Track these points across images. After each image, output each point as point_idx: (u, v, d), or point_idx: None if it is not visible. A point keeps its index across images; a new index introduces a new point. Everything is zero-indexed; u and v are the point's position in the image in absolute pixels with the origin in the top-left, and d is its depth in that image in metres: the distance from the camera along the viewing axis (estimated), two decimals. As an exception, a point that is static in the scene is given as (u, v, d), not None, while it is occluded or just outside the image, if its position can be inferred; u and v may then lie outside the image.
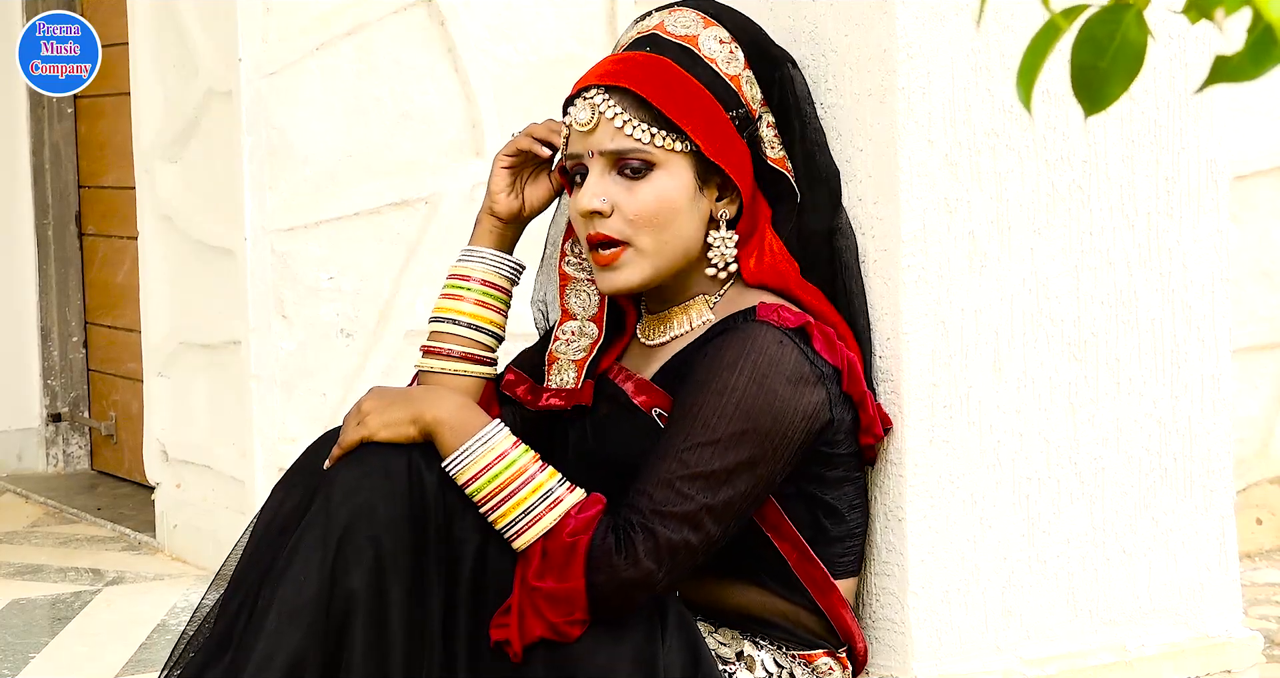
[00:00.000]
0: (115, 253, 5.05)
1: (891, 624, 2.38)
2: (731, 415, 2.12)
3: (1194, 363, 2.57)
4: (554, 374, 2.34)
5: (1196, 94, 2.48)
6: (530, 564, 2.09)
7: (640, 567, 2.08)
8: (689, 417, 2.14)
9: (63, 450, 5.30)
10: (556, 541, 2.08)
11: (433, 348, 2.33)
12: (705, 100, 2.20)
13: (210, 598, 2.23)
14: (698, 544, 2.12)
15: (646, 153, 2.19)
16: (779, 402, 2.14)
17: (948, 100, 2.35)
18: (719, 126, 2.21)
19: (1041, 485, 2.45)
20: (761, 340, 2.15)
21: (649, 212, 2.19)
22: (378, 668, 2.06)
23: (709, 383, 2.14)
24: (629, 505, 2.11)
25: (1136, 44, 1.12)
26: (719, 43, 2.24)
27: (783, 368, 2.15)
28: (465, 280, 2.33)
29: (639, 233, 2.20)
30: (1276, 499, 4.60)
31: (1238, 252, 4.32)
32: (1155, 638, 2.55)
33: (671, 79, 2.19)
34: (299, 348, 3.96)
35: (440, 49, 4.07)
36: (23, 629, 3.63)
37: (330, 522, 2.08)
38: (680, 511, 2.10)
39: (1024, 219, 2.42)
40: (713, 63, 2.23)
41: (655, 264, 2.22)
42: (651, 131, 2.18)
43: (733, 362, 2.14)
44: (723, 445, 2.12)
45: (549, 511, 2.10)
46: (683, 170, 2.20)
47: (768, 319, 2.18)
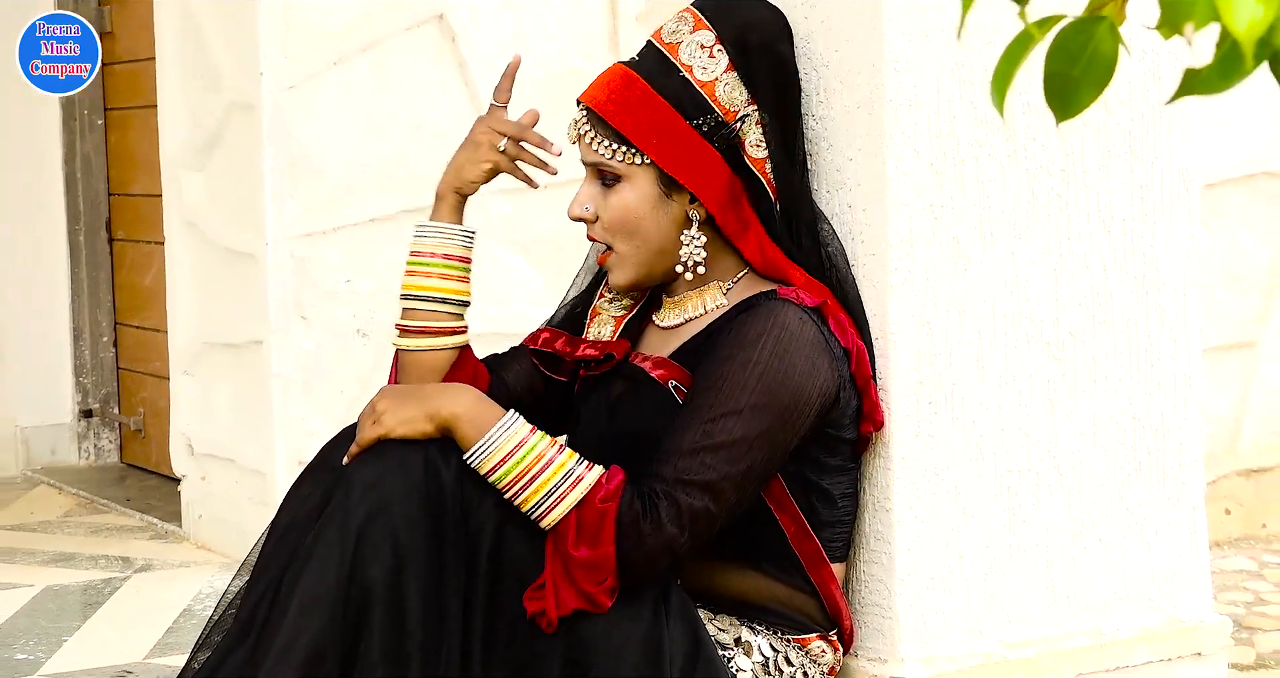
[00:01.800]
0: (143, 257, 5.05)
1: (880, 609, 2.38)
2: (754, 388, 2.13)
3: (1166, 362, 2.57)
4: (594, 327, 2.39)
5: (1168, 106, 2.49)
6: (566, 536, 2.09)
7: (664, 532, 2.10)
8: (713, 388, 2.15)
9: (94, 445, 5.30)
10: (589, 509, 2.09)
11: (407, 327, 2.35)
12: (665, 116, 2.23)
13: (235, 586, 2.23)
14: (717, 511, 2.14)
15: (612, 167, 2.25)
16: (798, 376, 2.15)
17: (933, 112, 2.35)
18: (677, 137, 2.23)
19: (1022, 478, 2.46)
20: (783, 317, 2.17)
21: (616, 219, 2.26)
22: (395, 656, 2.06)
23: (733, 357, 2.15)
24: (654, 474, 2.12)
25: (1108, 54, 1.12)
26: (700, 48, 2.25)
27: (802, 344, 2.16)
28: (423, 256, 2.37)
29: (614, 238, 2.27)
30: (1244, 491, 4.60)
31: (1208, 256, 4.32)
32: (1130, 622, 2.55)
33: (635, 98, 2.24)
34: (317, 348, 3.96)
35: (451, 64, 4.07)
36: (56, 614, 3.63)
37: (349, 516, 2.08)
38: (702, 479, 2.12)
39: (1005, 225, 2.42)
40: (687, 71, 2.25)
41: (635, 265, 2.28)
42: (614, 148, 2.24)
43: (756, 337, 2.15)
44: (745, 416, 2.13)
45: (572, 489, 2.11)
46: (645, 182, 2.24)
47: (789, 298, 2.20)
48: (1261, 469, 4.61)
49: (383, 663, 2.05)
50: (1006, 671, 2.43)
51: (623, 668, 2.10)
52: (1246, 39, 0.92)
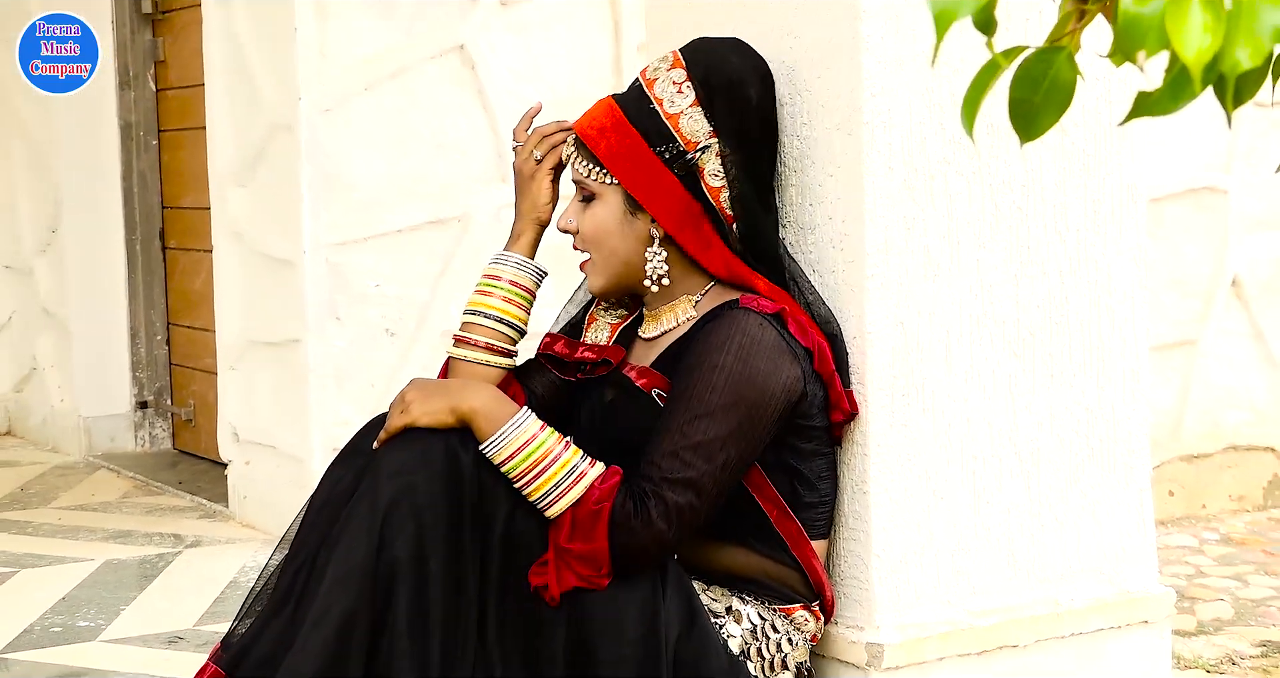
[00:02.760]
0: (193, 264, 5.05)
1: (857, 582, 2.38)
2: (722, 389, 2.13)
3: (1116, 359, 2.56)
4: (591, 332, 2.39)
5: (1120, 127, 2.48)
6: (561, 530, 2.09)
7: (654, 528, 2.09)
8: (686, 394, 2.15)
9: (149, 433, 5.30)
10: (584, 508, 2.09)
11: (463, 338, 2.34)
12: (631, 139, 2.24)
13: (275, 560, 2.22)
14: (701, 505, 2.13)
15: (588, 185, 2.28)
16: (761, 376, 2.15)
17: (906, 133, 2.35)
18: (640, 162, 2.24)
19: (986, 463, 2.45)
20: (745, 323, 2.17)
21: (589, 232, 2.28)
22: (419, 625, 2.05)
23: (701, 363, 2.15)
24: (641, 475, 2.12)
25: (1067, 82, 1.12)
26: (672, 84, 2.26)
27: (764, 347, 2.16)
28: (497, 280, 2.36)
29: (589, 248, 2.30)
30: (1186, 475, 4.60)
31: (1154, 263, 4.32)
32: (1083, 594, 2.55)
33: (611, 126, 2.26)
34: (350, 345, 3.96)
35: (471, 89, 4.07)
36: (115, 585, 3.63)
37: (378, 497, 2.08)
38: (684, 477, 2.11)
39: (971, 235, 2.42)
40: (658, 103, 2.26)
41: (605, 273, 2.30)
42: (590, 168, 2.27)
43: (720, 343, 2.15)
44: (716, 417, 2.13)
45: (575, 484, 2.11)
46: (614, 200, 2.26)
47: (749, 306, 2.20)
48: (1201, 455, 4.62)
49: (408, 631, 2.05)
50: (972, 637, 2.43)
51: (623, 637, 2.09)
52: (1195, 65, 0.92)
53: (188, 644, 3.19)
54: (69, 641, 3.22)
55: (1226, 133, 4.49)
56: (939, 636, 2.40)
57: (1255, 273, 4.67)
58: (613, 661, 2.09)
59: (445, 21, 4.03)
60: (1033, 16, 2.38)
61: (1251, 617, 3.61)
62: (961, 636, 2.42)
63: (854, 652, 2.36)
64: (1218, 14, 0.90)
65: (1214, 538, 4.34)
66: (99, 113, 5.17)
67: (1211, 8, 0.90)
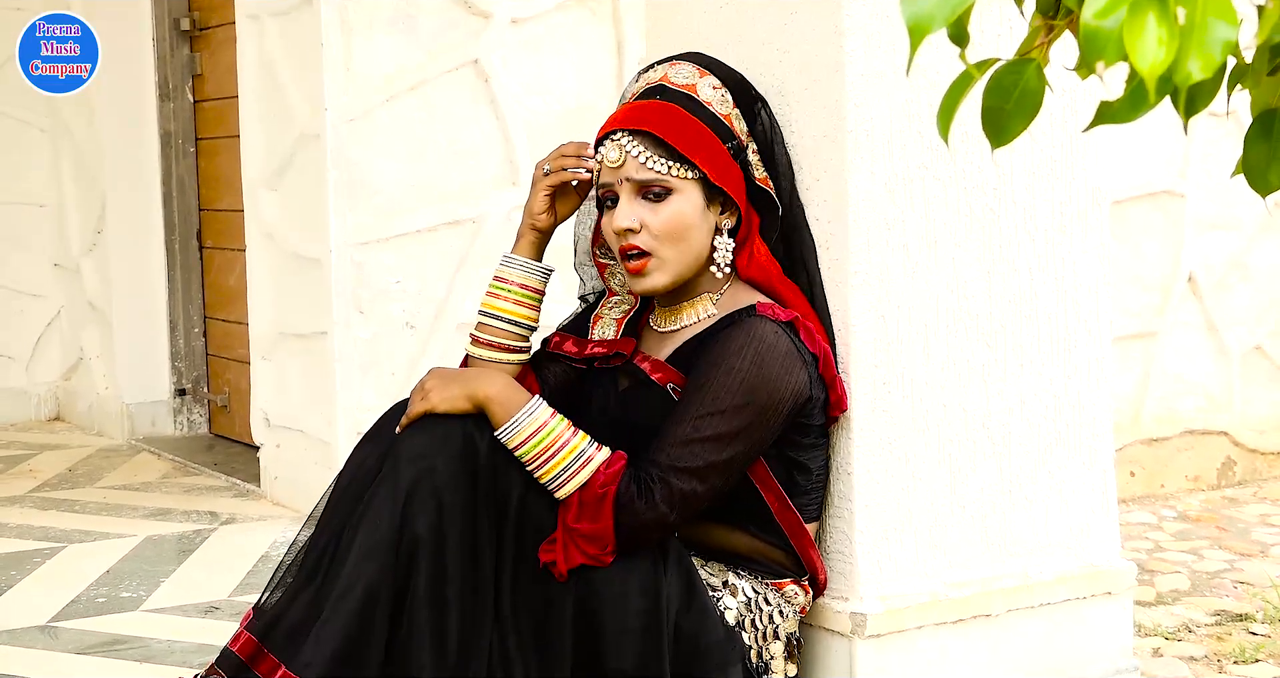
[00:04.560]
0: (228, 262, 5.05)
1: (842, 556, 2.37)
2: (735, 390, 2.12)
3: (1082, 349, 2.56)
4: (597, 329, 2.36)
5: (1084, 133, 2.48)
6: (569, 510, 2.09)
7: (657, 511, 2.09)
8: (701, 391, 2.13)
9: (187, 418, 5.30)
10: (590, 491, 2.08)
11: (479, 338, 2.32)
12: (707, 137, 2.20)
13: (303, 536, 2.22)
14: (703, 493, 2.13)
15: (665, 181, 2.19)
16: (773, 381, 2.14)
17: (886, 140, 2.34)
18: (719, 157, 2.21)
19: (961, 446, 2.45)
20: (761, 330, 2.15)
21: (670, 227, 2.19)
22: (438, 597, 2.05)
23: (718, 364, 2.14)
24: (649, 461, 2.11)
25: (1035, 91, 1.11)
26: (713, 89, 2.25)
27: (777, 353, 2.15)
28: (506, 283, 2.32)
29: (662, 245, 2.20)
30: (1146, 457, 4.60)
31: (1116, 261, 4.31)
32: (1051, 567, 2.55)
33: (681, 121, 2.19)
34: (373, 337, 3.95)
35: (484, 101, 4.07)
36: (155, 559, 3.63)
37: (400, 478, 2.07)
38: (691, 466, 2.10)
39: (947, 235, 2.42)
40: (709, 105, 2.23)
41: (676, 269, 2.22)
42: (668, 164, 2.18)
43: (738, 348, 2.14)
44: (728, 415, 2.12)
45: (582, 468, 2.10)
46: (694, 193, 2.20)
47: (765, 314, 2.18)
48: (1160, 439, 4.61)
49: (427, 602, 2.05)
50: (948, 607, 2.43)
51: (627, 609, 2.09)
52: (1150, 76, 0.91)
53: (223, 614, 3.19)
54: (113, 610, 3.21)
55: (1183, 140, 4.49)
56: (918, 606, 2.40)
57: (1209, 270, 4.67)
58: (618, 631, 2.08)
59: (461, 39, 4.02)
60: (1004, 32, 2.37)
61: (1206, 588, 3.61)
62: (939, 606, 2.42)
63: (839, 621, 2.36)
64: (1172, 28, 0.90)
65: (1171, 516, 4.34)
66: (141, 122, 5.17)
67: (1166, 22, 0.90)
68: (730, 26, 2.46)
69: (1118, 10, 0.90)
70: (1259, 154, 1.19)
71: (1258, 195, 1.21)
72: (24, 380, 5.60)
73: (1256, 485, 4.68)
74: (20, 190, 5.51)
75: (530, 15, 4.11)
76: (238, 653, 2.13)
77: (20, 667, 2.84)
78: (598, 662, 2.09)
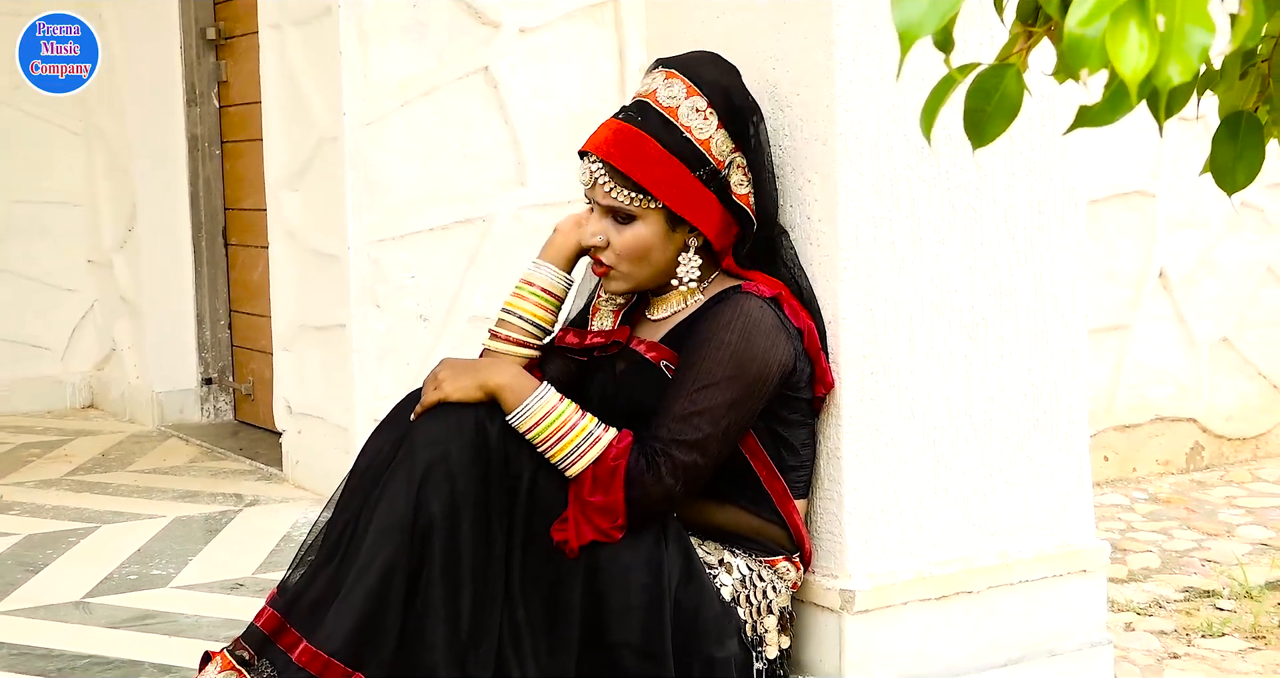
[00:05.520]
0: (252, 258, 5.04)
1: (832, 536, 2.37)
2: (726, 363, 2.13)
3: (1059, 340, 2.56)
4: (596, 321, 2.36)
5: (1064, 136, 2.47)
6: (584, 485, 2.09)
7: (664, 483, 2.09)
8: (695, 366, 2.14)
9: (213, 406, 5.29)
10: (603, 466, 2.09)
11: (498, 334, 2.32)
12: (674, 169, 2.19)
13: (323, 517, 2.22)
14: (704, 463, 2.13)
15: (629, 209, 2.20)
16: (761, 352, 2.14)
17: (874, 143, 2.34)
18: (685, 186, 2.19)
19: (944, 432, 2.44)
20: (747, 306, 2.16)
21: (629, 249, 2.22)
22: (451, 575, 2.05)
23: (709, 340, 2.15)
24: (652, 436, 2.12)
25: (1014, 95, 1.11)
26: (695, 112, 2.21)
27: (764, 327, 2.15)
28: (530, 285, 2.33)
29: (621, 262, 2.24)
30: (1119, 442, 4.60)
31: (1091, 258, 4.31)
32: (1029, 546, 2.54)
33: (649, 154, 2.18)
34: (388, 329, 3.95)
35: (494, 106, 4.06)
36: (183, 538, 3.63)
37: (415, 463, 2.07)
38: (691, 438, 2.11)
39: (931, 232, 2.41)
40: (688, 131, 2.20)
41: (632, 281, 2.26)
42: (631, 195, 2.20)
43: (726, 323, 2.15)
44: (721, 386, 2.12)
45: (591, 447, 2.11)
46: (656, 221, 2.21)
47: (751, 291, 2.19)
48: (1132, 425, 4.61)
49: (441, 580, 2.04)
50: (932, 584, 2.42)
51: (631, 585, 2.09)
52: (1132, 80, 0.91)
53: (247, 590, 3.18)
54: (143, 587, 3.21)
55: (1155, 143, 4.49)
56: (903, 583, 2.40)
57: (1179, 266, 4.67)
58: (622, 606, 2.09)
59: (471, 47, 4.02)
60: (985, 40, 2.37)
61: (1176, 566, 3.60)
62: (923, 583, 2.41)
63: (829, 597, 2.36)
64: (1152, 35, 0.89)
65: (1143, 498, 4.33)
66: (169, 126, 5.17)
67: (1147, 28, 0.89)
68: (727, 35, 2.46)
69: (1100, 18, 0.89)
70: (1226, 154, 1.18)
71: (1225, 193, 1.21)
72: (59, 370, 5.60)
73: (1223, 470, 4.68)
74: (55, 190, 5.50)
75: (537, 25, 4.10)
76: (261, 628, 2.13)
77: (56, 640, 2.84)
78: (603, 635, 2.09)
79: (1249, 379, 4.83)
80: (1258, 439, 4.85)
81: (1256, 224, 4.81)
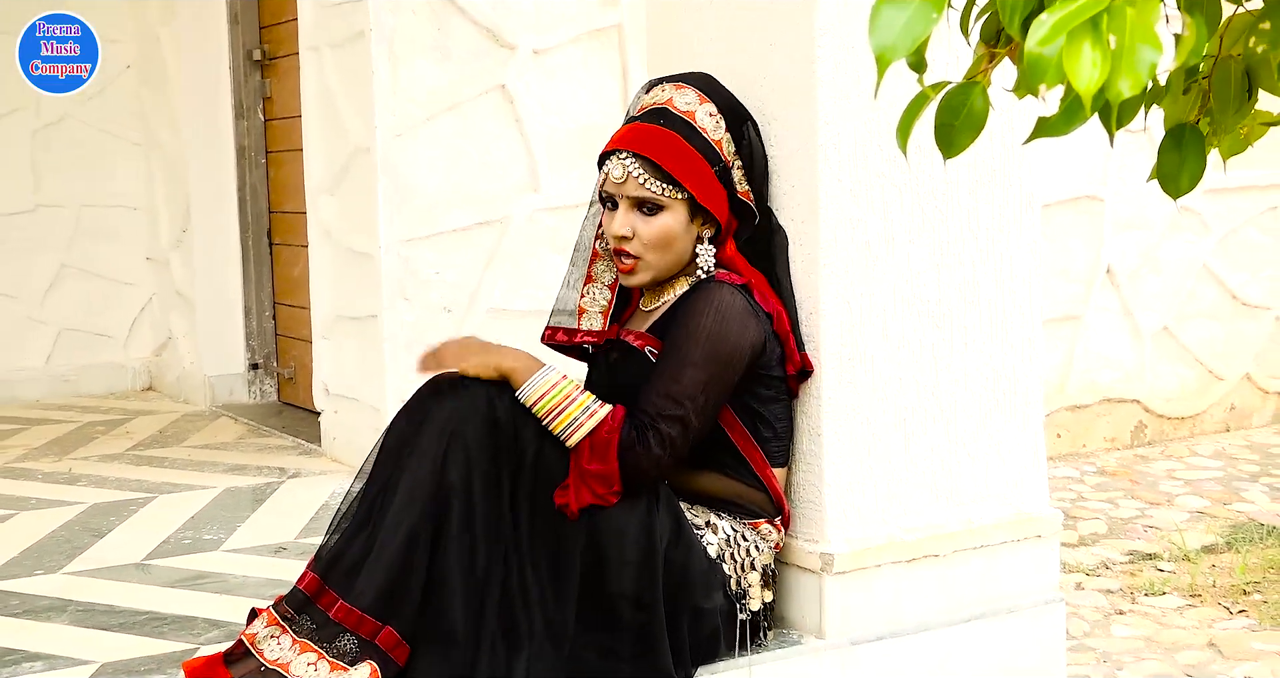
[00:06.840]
0: (293, 256, 5.03)
1: (813, 505, 2.37)
2: (702, 343, 2.14)
3: (1017, 330, 2.55)
4: (584, 322, 2.35)
5: (1024, 146, 2.46)
6: (582, 454, 2.10)
7: (652, 453, 2.10)
8: (674, 349, 2.15)
9: (259, 388, 5.28)
10: (599, 436, 2.10)
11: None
12: (698, 163, 2.20)
13: (356, 487, 2.22)
14: (687, 435, 2.14)
15: (658, 200, 2.20)
16: (734, 334, 2.15)
17: (852, 152, 2.33)
18: (706, 180, 2.21)
19: (914, 412, 2.44)
20: (719, 292, 2.17)
21: (658, 238, 2.22)
22: (467, 534, 2.06)
23: (686, 325, 2.16)
24: (641, 411, 2.13)
25: (980, 110, 1.10)
26: (709, 116, 2.24)
27: (735, 310, 2.16)
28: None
29: (649, 251, 2.22)
30: (1070, 421, 4.59)
31: (1046, 256, 4.30)
32: (990, 514, 2.54)
33: (677, 149, 2.20)
34: (416, 320, 3.94)
35: (510, 119, 4.05)
36: (233, 507, 3.62)
37: (435, 439, 2.08)
38: (674, 413, 2.12)
39: (902, 233, 2.40)
40: (704, 132, 2.22)
41: (657, 271, 2.25)
42: (662, 186, 2.20)
43: (701, 309, 2.16)
44: (699, 366, 2.13)
45: (588, 419, 2.11)
46: (681, 211, 2.21)
47: (723, 280, 2.20)
48: (1082, 406, 4.61)
49: (458, 538, 2.06)
50: (903, 549, 2.42)
51: (626, 543, 2.10)
52: (1086, 94, 0.90)
53: (290, 553, 3.18)
54: (197, 550, 3.21)
55: (1104, 152, 4.48)
56: (877, 547, 2.39)
57: (1125, 264, 4.66)
58: (618, 561, 2.10)
59: (490, 67, 4.01)
60: (951, 61, 2.35)
61: (1121, 532, 3.60)
62: (895, 547, 2.41)
63: (810, 560, 2.36)
64: (1105, 53, 0.88)
65: (1092, 471, 4.33)
66: (220, 138, 5.15)
67: (1100, 47, 0.88)
68: (720, 56, 2.45)
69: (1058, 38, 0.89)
70: (1171, 162, 1.17)
71: (1169, 198, 1.20)
72: (122, 356, 5.59)
73: (1164, 446, 4.67)
74: (117, 194, 5.49)
75: (549, 47, 4.09)
76: (304, 590, 2.13)
77: (119, 598, 2.83)
78: (601, 587, 2.10)
79: (1187, 365, 4.82)
80: (1194, 419, 4.84)
81: (1195, 226, 4.80)
